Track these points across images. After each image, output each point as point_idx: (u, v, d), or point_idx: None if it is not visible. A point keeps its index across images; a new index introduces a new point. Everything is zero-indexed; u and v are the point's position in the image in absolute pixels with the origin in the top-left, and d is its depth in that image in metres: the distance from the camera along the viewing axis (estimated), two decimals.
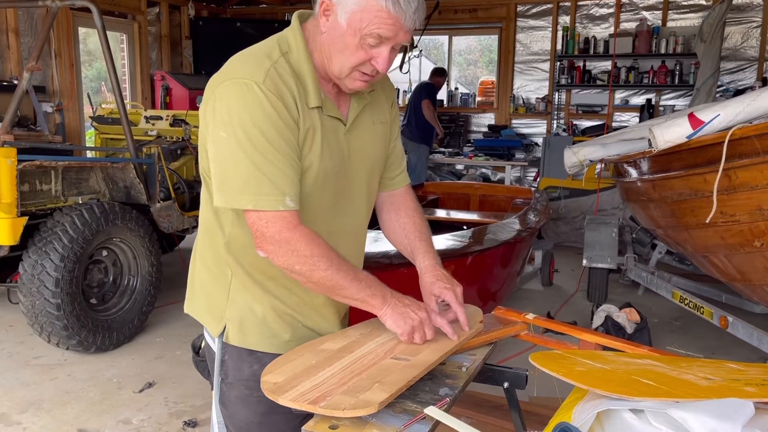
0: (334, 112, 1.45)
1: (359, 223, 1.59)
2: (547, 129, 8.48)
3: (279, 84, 1.34)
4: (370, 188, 1.59)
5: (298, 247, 1.34)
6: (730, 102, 2.87)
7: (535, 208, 4.80)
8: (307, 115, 1.38)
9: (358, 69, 1.37)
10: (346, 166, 1.48)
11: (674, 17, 7.80)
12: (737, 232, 2.94)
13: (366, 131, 1.53)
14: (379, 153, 1.59)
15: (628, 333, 3.83)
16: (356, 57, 1.35)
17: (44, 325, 3.67)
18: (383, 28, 1.32)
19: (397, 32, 1.34)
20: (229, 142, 1.32)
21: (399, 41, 1.36)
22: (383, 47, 1.35)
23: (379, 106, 1.58)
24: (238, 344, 1.50)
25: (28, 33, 6.65)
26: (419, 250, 1.64)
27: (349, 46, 1.34)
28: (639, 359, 1.38)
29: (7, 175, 3.52)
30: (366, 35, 1.33)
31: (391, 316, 1.42)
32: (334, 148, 1.44)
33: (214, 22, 9.17)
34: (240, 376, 1.50)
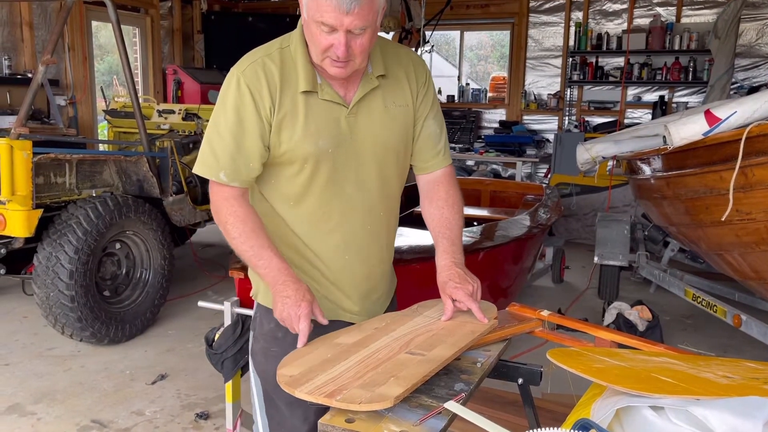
0: (332, 96, 1.54)
1: (373, 200, 1.64)
2: (559, 125, 8.44)
3: (259, 73, 1.51)
4: (384, 168, 1.63)
5: (220, 212, 1.56)
6: (746, 99, 2.84)
7: (546, 204, 4.78)
8: (292, 101, 1.52)
9: (327, 56, 1.46)
10: (346, 146, 1.56)
11: (688, 13, 7.73)
12: (753, 230, 2.91)
13: (374, 113, 1.59)
14: (392, 135, 1.62)
15: (639, 331, 3.81)
16: (319, 44, 1.45)
17: (58, 316, 3.71)
18: (325, 15, 1.39)
19: (340, 18, 1.38)
20: (209, 124, 1.58)
21: (349, 26, 1.40)
22: (338, 34, 1.41)
23: (398, 89, 1.63)
24: (264, 303, 1.70)
25: (42, 26, 6.69)
26: (440, 247, 1.68)
27: (314, 35, 1.45)
28: (656, 357, 1.37)
29: (23, 167, 3.55)
30: (318, 23, 1.41)
31: (273, 299, 1.51)
32: (328, 129, 1.54)
33: (225, 17, 9.18)
34: (262, 330, 1.69)
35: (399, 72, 1.63)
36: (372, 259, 1.68)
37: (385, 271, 1.76)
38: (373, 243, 1.67)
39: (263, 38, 1.58)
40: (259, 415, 1.73)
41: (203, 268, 5.50)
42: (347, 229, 1.62)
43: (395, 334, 1.49)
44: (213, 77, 7.95)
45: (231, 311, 2.59)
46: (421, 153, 1.71)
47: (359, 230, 1.63)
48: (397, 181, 1.70)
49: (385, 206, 1.68)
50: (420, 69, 1.67)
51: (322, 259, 1.63)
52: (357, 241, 1.64)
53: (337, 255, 1.63)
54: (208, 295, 4.90)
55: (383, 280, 1.76)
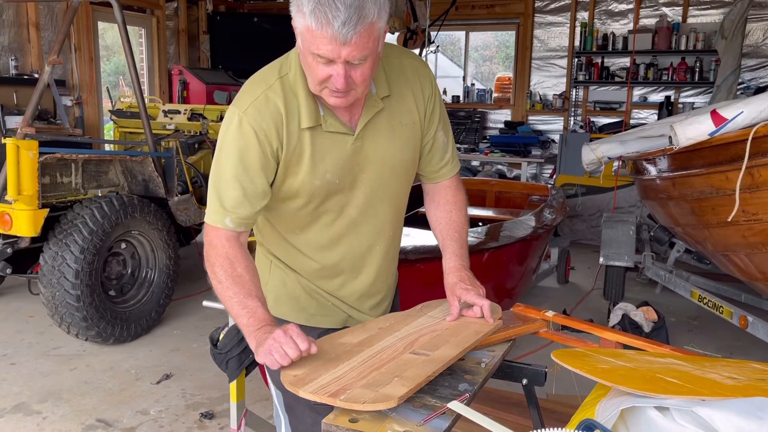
0: (337, 126, 1.47)
1: (383, 222, 1.63)
2: (564, 126, 8.42)
3: (264, 112, 1.43)
4: (390, 188, 1.61)
5: (210, 254, 1.48)
6: (753, 99, 2.83)
7: (551, 205, 4.77)
8: (297, 137, 1.45)
9: (326, 86, 1.37)
10: (354, 175, 1.52)
11: (695, 13, 7.70)
12: (760, 230, 2.90)
13: (380, 136, 1.53)
14: (402, 155, 1.58)
15: (645, 332, 3.80)
16: (316, 76, 1.36)
17: (64, 316, 3.72)
18: (321, 47, 1.30)
19: (337, 50, 1.29)
20: (212, 168, 1.50)
21: (348, 57, 1.30)
22: (335, 66, 1.32)
23: (403, 108, 1.56)
24: (275, 315, 1.62)
25: (49, 27, 6.71)
26: (448, 250, 1.68)
27: (310, 66, 1.36)
28: (661, 358, 1.37)
29: (29, 167, 3.56)
30: (314, 55, 1.32)
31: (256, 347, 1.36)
32: (334, 161, 1.48)
33: (231, 17, 9.20)
34: None
35: (404, 90, 1.56)
36: (381, 276, 1.70)
37: (391, 283, 1.78)
38: (382, 262, 1.68)
39: (268, 38, 1.54)
40: (284, 427, 1.72)
41: None
42: (356, 254, 1.62)
43: (399, 334, 1.49)
44: (218, 78, 7.98)
45: None
46: (431, 164, 1.69)
47: (367, 253, 1.64)
48: (404, 196, 1.69)
49: (392, 224, 1.67)
50: (425, 81, 1.61)
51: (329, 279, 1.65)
52: (365, 261, 1.65)
53: (344, 275, 1.65)
54: (213, 295, 4.90)
55: (390, 290, 1.78)
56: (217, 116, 5.26)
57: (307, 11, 1.27)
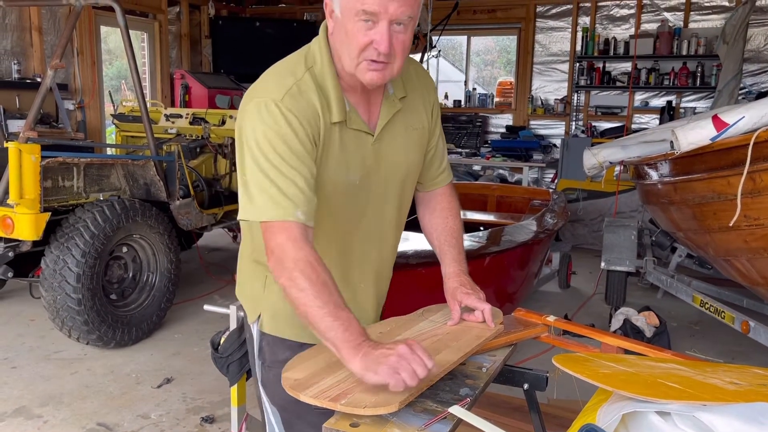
0: (359, 124, 1.46)
1: (390, 228, 1.63)
2: (566, 130, 8.42)
3: (300, 101, 1.37)
4: (403, 195, 1.62)
5: (286, 257, 1.32)
6: (755, 104, 2.83)
7: (552, 209, 4.77)
8: (328, 131, 1.41)
9: (364, 57, 1.35)
10: (372, 175, 1.51)
11: (696, 18, 7.70)
12: (761, 235, 2.90)
13: (397, 139, 1.54)
14: (412, 160, 1.60)
15: (647, 337, 3.80)
16: (357, 41, 1.33)
17: (65, 319, 3.72)
18: (368, 2, 1.29)
19: (385, 4, 1.29)
20: (249, 159, 1.37)
21: (395, 14, 1.31)
22: (379, 25, 1.31)
23: (414, 112, 1.58)
24: (272, 332, 1.60)
25: (51, 31, 6.74)
26: (447, 255, 1.67)
27: (349, 33, 1.33)
28: (663, 363, 1.37)
29: (31, 171, 3.57)
30: (357, 17, 1.31)
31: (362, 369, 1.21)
32: (356, 161, 1.47)
33: (233, 22, 9.23)
34: (276, 358, 1.60)
35: (415, 94, 1.58)
36: (382, 283, 1.69)
37: (382, 294, 1.75)
38: (384, 268, 1.68)
39: (270, 43, 1.53)
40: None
41: (209, 271, 5.51)
42: (365, 259, 1.61)
43: (400, 338, 1.48)
44: (220, 82, 7.99)
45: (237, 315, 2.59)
46: (430, 171, 1.70)
47: (375, 258, 1.63)
48: (409, 201, 1.70)
49: (396, 231, 1.67)
50: (430, 88, 1.64)
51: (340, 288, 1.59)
52: (372, 268, 1.63)
53: (353, 283, 1.61)
54: (214, 299, 4.91)
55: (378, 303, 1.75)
56: (218, 120, 5.27)
57: None
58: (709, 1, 7.61)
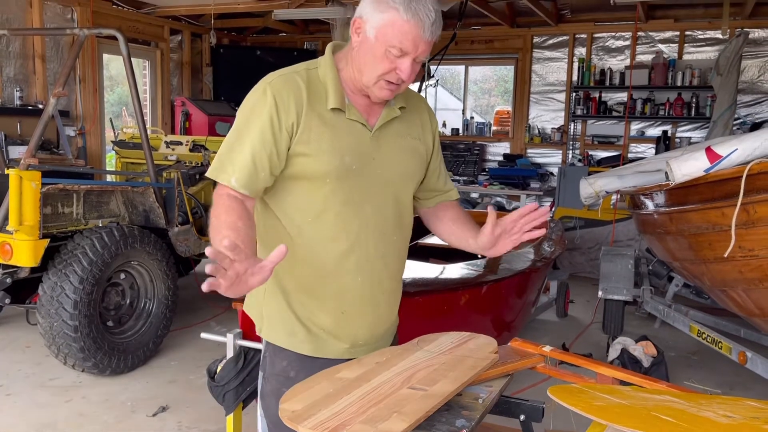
0: (357, 117, 1.60)
1: (387, 225, 1.67)
2: (563, 159, 8.49)
3: (287, 85, 1.55)
4: (400, 195, 1.68)
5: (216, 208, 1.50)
6: (747, 136, 2.88)
7: (550, 238, 4.78)
8: (318, 117, 1.55)
9: (384, 78, 1.53)
10: (367, 167, 1.60)
11: (690, 50, 7.82)
12: (756, 266, 2.91)
13: (395, 140, 1.66)
14: (409, 164, 1.69)
15: (644, 367, 3.78)
16: (382, 66, 1.51)
17: (61, 346, 3.70)
18: (405, 41, 1.48)
19: (417, 44, 1.49)
20: (230, 129, 1.59)
21: (420, 53, 1.51)
22: (406, 58, 1.50)
23: (413, 124, 1.72)
24: (271, 341, 1.67)
25: (54, 59, 6.82)
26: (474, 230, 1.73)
27: (377, 57, 1.51)
28: (657, 395, 1.37)
29: (31, 197, 3.59)
30: (390, 47, 1.49)
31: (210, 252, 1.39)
32: (352, 148, 1.58)
33: (234, 50, 9.34)
34: (273, 370, 1.67)
35: (414, 109, 1.72)
36: (381, 284, 1.68)
37: (391, 302, 1.74)
38: (384, 268, 1.68)
39: (271, 71, 1.61)
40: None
41: (207, 299, 5.50)
42: (361, 251, 1.62)
43: (396, 368, 1.49)
44: (221, 109, 8.07)
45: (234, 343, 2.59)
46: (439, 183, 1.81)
47: (372, 253, 1.64)
48: (409, 212, 1.74)
49: (398, 233, 1.70)
50: (431, 114, 1.78)
51: (334, 279, 1.61)
52: (369, 264, 1.64)
53: (349, 277, 1.62)
54: (211, 327, 4.90)
55: (389, 313, 1.74)
56: (218, 148, 5.31)
57: (401, 6, 1.46)
58: (702, 34, 7.74)
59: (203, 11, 7.71)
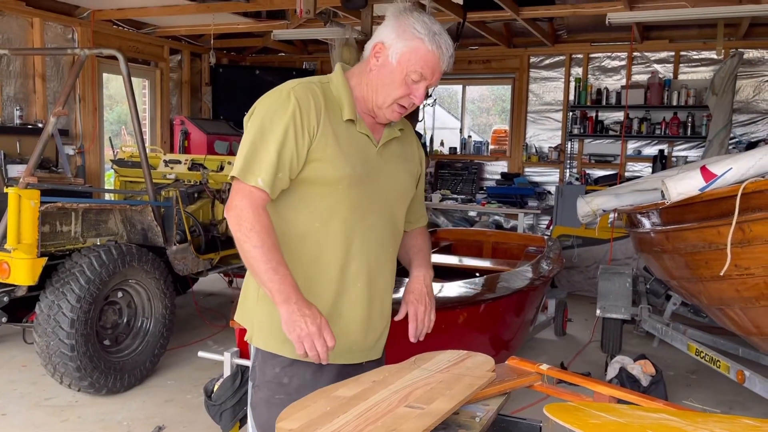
0: (366, 131, 1.70)
1: (386, 235, 1.75)
2: (560, 177, 8.52)
3: (307, 92, 1.62)
4: (398, 209, 1.78)
5: (246, 216, 1.56)
6: (742, 156, 2.90)
7: (548, 256, 4.79)
8: (335, 125, 1.64)
9: (398, 101, 1.65)
10: (374, 178, 1.69)
11: (685, 70, 7.90)
12: (752, 285, 2.92)
13: (396, 158, 1.76)
14: (406, 182, 1.78)
15: (643, 386, 3.77)
16: (400, 90, 1.63)
17: (57, 365, 3.69)
18: (426, 68, 1.61)
19: (435, 72, 1.63)
20: (249, 130, 1.62)
21: (434, 81, 1.64)
22: (422, 84, 1.64)
23: (408, 146, 1.84)
24: (263, 347, 1.70)
25: (54, 78, 6.87)
26: (415, 261, 1.89)
27: (395, 81, 1.62)
28: (654, 413, 1.37)
29: (29, 216, 3.60)
30: (411, 72, 1.61)
31: (286, 320, 1.54)
32: (362, 158, 1.67)
33: (233, 70, 9.41)
34: (264, 378, 1.69)
35: (408, 132, 1.85)
36: (378, 291, 1.76)
37: (384, 310, 1.82)
38: (380, 276, 1.76)
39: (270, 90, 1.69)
40: None
41: (204, 317, 5.49)
42: (363, 257, 1.70)
43: (394, 387, 1.49)
44: (220, 128, 8.11)
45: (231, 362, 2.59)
46: (413, 211, 1.90)
47: (373, 261, 1.72)
48: (401, 229, 1.83)
49: (393, 245, 1.79)
50: (417, 139, 1.91)
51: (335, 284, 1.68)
52: (369, 270, 1.72)
53: (349, 282, 1.70)
54: (209, 345, 4.88)
55: (382, 320, 1.81)
56: (217, 166, 5.34)
57: (426, 37, 1.59)
58: (697, 54, 7.82)
59: (203, 31, 7.79)
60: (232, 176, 1.61)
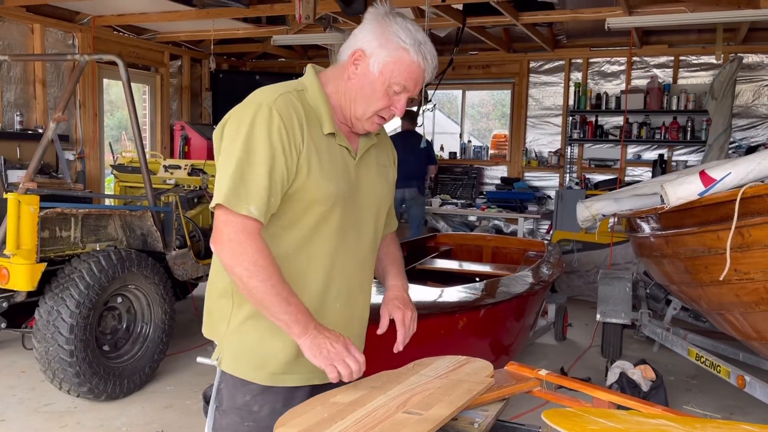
0: (345, 142, 1.61)
1: (367, 251, 1.70)
2: (560, 182, 8.53)
3: (288, 106, 1.51)
4: (377, 222, 1.72)
5: (247, 250, 1.44)
6: (741, 160, 2.90)
7: (548, 261, 4.79)
8: (316, 140, 1.53)
9: (378, 114, 1.57)
10: (355, 194, 1.61)
11: (684, 75, 7.91)
12: (752, 290, 2.92)
13: (373, 168, 1.69)
14: (384, 191, 1.72)
15: (643, 391, 3.77)
16: (381, 102, 1.55)
17: (56, 371, 3.68)
18: (409, 79, 1.53)
19: (418, 84, 1.56)
20: (230, 150, 1.48)
21: (416, 92, 1.56)
22: (403, 95, 1.56)
23: (384, 152, 1.77)
24: (233, 373, 1.60)
25: (55, 84, 6.88)
26: (390, 273, 1.83)
27: (376, 92, 1.54)
28: (653, 419, 1.37)
29: (29, 222, 3.59)
30: (393, 83, 1.53)
31: (309, 346, 1.46)
32: (344, 174, 1.58)
33: (233, 75, 9.43)
34: (233, 404, 1.59)
35: (383, 138, 1.78)
36: (357, 310, 1.72)
37: (363, 328, 1.77)
38: (359, 294, 1.71)
39: None
40: None
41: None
42: (343, 278, 1.63)
43: (392, 393, 1.49)
44: None
45: None
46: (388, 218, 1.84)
47: (353, 280, 1.66)
48: (380, 236, 1.78)
49: (372, 260, 1.75)
50: (392, 146, 1.84)
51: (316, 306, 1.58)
52: (349, 290, 1.66)
53: (329, 303, 1.63)
54: (208, 351, 4.82)
55: (359, 339, 1.75)
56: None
57: (411, 47, 1.51)
58: (696, 59, 7.83)
59: (203, 37, 7.81)
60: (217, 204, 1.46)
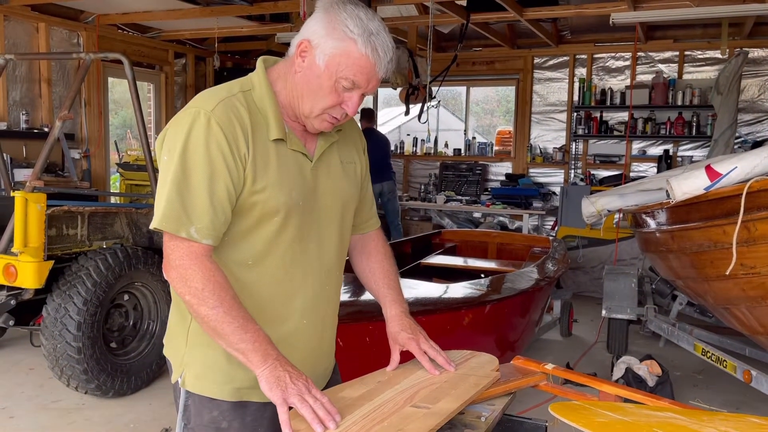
0: (299, 146, 1.47)
1: (332, 260, 1.58)
2: (565, 178, 8.52)
3: (229, 114, 1.37)
4: (343, 225, 1.59)
5: (192, 276, 1.33)
6: (747, 154, 2.90)
7: (553, 257, 4.79)
8: (263, 148, 1.40)
9: (328, 112, 1.42)
10: (312, 201, 1.49)
11: (690, 70, 7.88)
12: (758, 284, 2.91)
13: (333, 168, 1.55)
14: (350, 192, 1.60)
15: (649, 386, 3.77)
16: (329, 99, 1.40)
17: (64, 368, 3.70)
18: (359, 74, 1.37)
19: (370, 80, 1.39)
20: (168, 165, 1.36)
21: (370, 89, 1.42)
22: (355, 92, 1.40)
23: (347, 148, 1.62)
24: (198, 392, 1.50)
25: (60, 83, 6.91)
26: (387, 298, 1.69)
27: (323, 88, 1.39)
28: (660, 412, 1.37)
29: (36, 220, 3.61)
30: (341, 78, 1.37)
31: (267, 377, 1.31)
32: (298, 182, 1.45)
33: (238, 73, 9.38)
34: (201, 421, 1.50)
35: (348, 134, 1.63)
36: (326, 322, 1.61)
37: (332, 339, 1.68)
38: (328, 306, 1.60)
39: None
40: None
41: None
42: (307, 292, 1.52)
43: (399, 387, 1.49)
44: None
45: None
46: (363, 212, 1.72)
47: (319, 292, 1.55)
48: (348, 239, 1.66)
49: (339, 267, 1.63)
50: (360, 134, 1.70)
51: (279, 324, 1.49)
52: (315, 303, 1.54)
53: (294, 320, 1.51)
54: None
55: (330, 350, 1.68)
56: None
57: (359, 38, 1.34)
58: (702, 54, 7.80)
59: (207, 35, 7.82)
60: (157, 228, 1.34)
